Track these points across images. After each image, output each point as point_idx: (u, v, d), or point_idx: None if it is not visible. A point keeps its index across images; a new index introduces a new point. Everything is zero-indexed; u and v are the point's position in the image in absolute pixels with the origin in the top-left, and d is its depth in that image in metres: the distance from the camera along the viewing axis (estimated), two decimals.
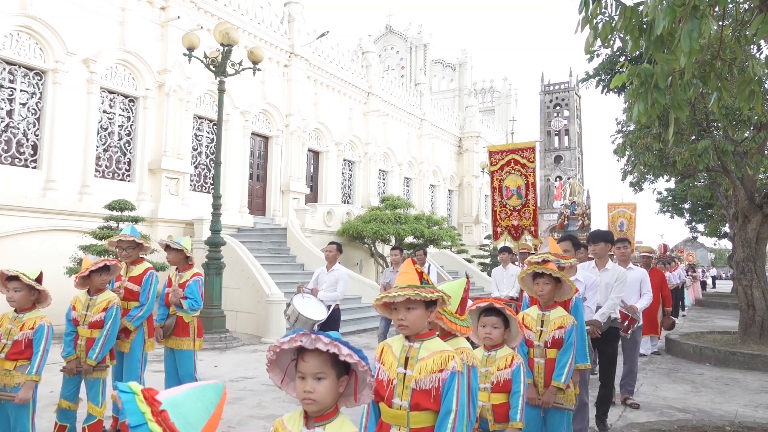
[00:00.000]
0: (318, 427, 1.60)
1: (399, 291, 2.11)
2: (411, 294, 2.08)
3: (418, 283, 2.15)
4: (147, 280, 4.74)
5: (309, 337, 1.55)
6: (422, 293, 2.09)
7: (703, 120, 8.78)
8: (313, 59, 18.53)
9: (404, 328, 2.16)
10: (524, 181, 9.53)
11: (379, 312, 2.26)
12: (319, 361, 1.57)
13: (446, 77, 39.44)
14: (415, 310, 2.13)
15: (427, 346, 2.16)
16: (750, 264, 9.36)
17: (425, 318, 2.17)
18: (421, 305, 2.14)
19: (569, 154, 65.80)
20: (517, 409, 2.79)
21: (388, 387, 2.17)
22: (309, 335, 1.55)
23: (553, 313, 3.38)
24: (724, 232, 26.30)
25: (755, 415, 5.70)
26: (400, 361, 2.16)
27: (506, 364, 2.85)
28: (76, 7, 11.96)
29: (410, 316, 2.13)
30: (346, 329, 10.89)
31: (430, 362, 2.10)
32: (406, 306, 2.12)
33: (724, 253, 60.49)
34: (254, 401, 5.73)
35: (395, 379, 2.14)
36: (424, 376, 2.09)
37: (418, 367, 2.11)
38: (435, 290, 2.15)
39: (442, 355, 2.11)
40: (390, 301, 2.13)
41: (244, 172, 16.02)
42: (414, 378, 2.10)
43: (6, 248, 10.30)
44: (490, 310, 2.90)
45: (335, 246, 6.83)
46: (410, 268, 2.21)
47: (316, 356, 1.57)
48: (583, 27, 3.24)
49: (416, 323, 2.14)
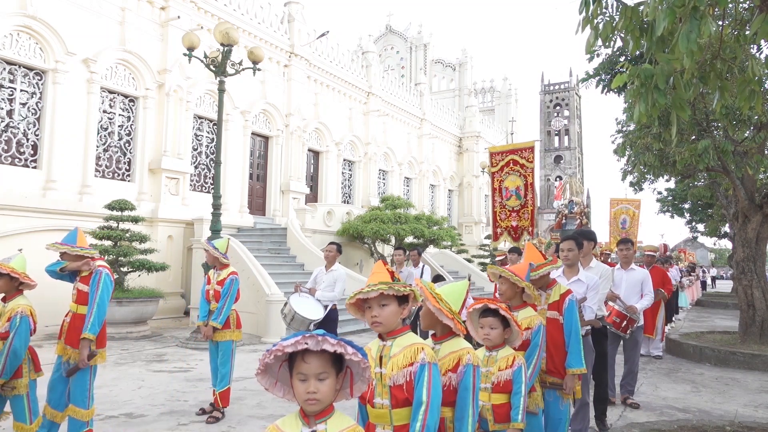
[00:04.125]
0: (320, 424, 1.61)
1: (372, 287, 2.13)
2: (384, 288, 2.11)
3: (390, 280, 2.18)
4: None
5: (315, 339, 1.54)
6: (395, 287, 2.13)
7: (703, 120, 8.77)
8: (313, 59, 18.53)
9: (378, 326, 2.17)
10: (523, 181, 9.54)
11: (352, 313, 2.27)
12: (322, 361, 1.57)
13: (446, 77, 39.46)
14: (388, 307, 2.16)
15: (399, 342, 2.18)
16: (750, 264, 9.36)
17: (398, 314, 2.19)
18: (393, 301, 2.17)
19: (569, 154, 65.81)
20: (519, 409, 2.77)
21: (369, 389, 2.18)
22: (315, 337, 1.54)
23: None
24: (724, 232, 26.30)
25: (755, 415, 5.70)
26: (376, 361, 2.19)
27: (507, 364, 2.84)
28: (76, 7, 11.96)
29: (384, 312, 2.15)
30: (347, 329, 10.89)
31: (401, 357, 2.13)
32: (380, 303, 2.15)
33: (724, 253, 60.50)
34: (254, 401, 5.73)
35: (374, 379, 2.17)
36: (396, 372, 2.12)
37: (390, 364, 2.14)
38: (407, 285, 2.20)
39: (411, 349, 2.13)
40: (364, 297, 2.15)
41: (244, 172, 16.02)
42: (388, 375, 2.13)
43: (6, 248, 10.30)
44: (487, 310, 2.88)
45: (335, 246, 6.83)
46: (381, 268, 2.25)
47: (318, 357, 1.56)
48: (583, 27, 3.24)
49: (389, 319, 2.16)
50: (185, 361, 7.92)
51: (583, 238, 4.82)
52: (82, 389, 3.89)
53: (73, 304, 3.99)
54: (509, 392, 2.82)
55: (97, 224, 10.96)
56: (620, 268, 6.38)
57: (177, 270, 13.08)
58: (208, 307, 5.43)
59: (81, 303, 3.96)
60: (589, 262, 5.01)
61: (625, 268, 6.34)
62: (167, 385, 6.42)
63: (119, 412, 5.30)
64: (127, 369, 7.29)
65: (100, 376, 4.28)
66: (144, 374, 7.00)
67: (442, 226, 17.91)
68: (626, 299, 6.04)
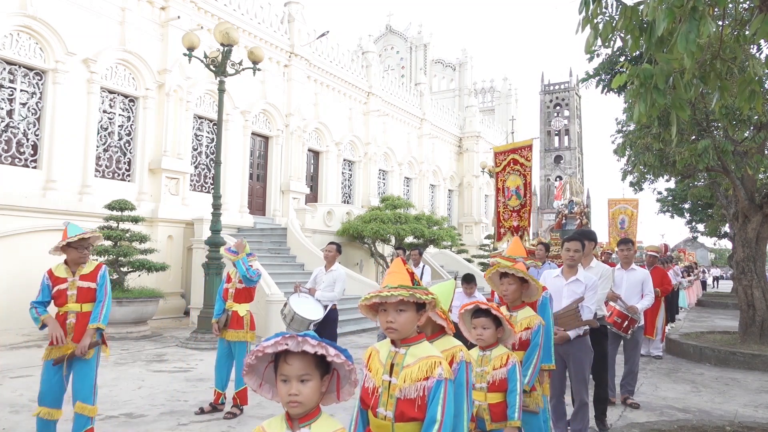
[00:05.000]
0: (303, 428, 1.56)
1: (392, 291, 1.97)
2: (405, 295, 1.96)
3: (410, 284, 2.03)
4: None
5: (295, 340, 1.48)
6: (417, 294, 1.98)
7: (703, 120, 8.77)
8: (313, 59, 18.53)
9: (392, 332, 2.03)
10: (522, 180, 9.54)
11: (364, 314, 2.12)
12: (304, 362, 1.51)
13: (446, 77, 39.46)
14: (406, 313, 2.01)
15: (414, 351, 2.03)
16: (750, 264, 9.37)
17: (415, 322, 2.04)
18: (412, 308, 2.02)
19: (569, 153, 65.83)
20: (515, 407, 2.77)
21: (373, 395, 2.05)
22: (295, 338, 1.49)
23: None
24: (724, 232, 26.30)
25: (755, 415, 5.70)
26: (385, 368, 2.04)
27: (501, 363, 2.84)
28: (76, 7, 11.96)
29: (400, 318, 2.00)
30: (347, 329, 10.89)
31: (415, 369, 1.98)
32: (398, 308, 2.00)
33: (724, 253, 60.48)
34: (254, 401, 5.73)
35: (380, 387, 2.02)
36: (408, 384, 1.97)
37: (403, 375, 1.99)
38: (428, 292, 2.04)
39: (428, 362, 1.98)
40: (382, 301, 2.00)
41: (244, 172, 16.03)
42: (399, 386, 1.98)
43: (6, 248, 10.30)
44: (479, 311, 2.87)
45: (335, 246, 6.83)
46: (401, 267, 2.10)
47: (300, 358, 1.51)
48: (583, 27, 3.24)
49: (406, 327, 2.02)
50: (185, 361, 7.92)
51: (585, 238, 4.83)
52: (88, 385, 3.94)
53: (74, 305, 3.98)
54: (505, 391, 2.82)
55: (97, 224, 10.96)
56: (621, 268, 6.38)
57: (177, 270, 13.09)
58: (223, 305, 5.52)
59: (85, 301, 4.01)
60: (589, 262, 5.02)
61: (625, 268, 6.34)
62: (167, 385, 6.42)
63: (119, 412, 5.30)
64: (127, 369, 7.28)
65: (100, 375, 4.25)
66: (144, 374, 7.00)
67: (442, 226, 17.92)
68: (627, 299, 6.04)
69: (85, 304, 4.00)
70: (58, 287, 3.99)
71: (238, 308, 5.50)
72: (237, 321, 5.46)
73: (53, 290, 4.00)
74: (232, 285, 5.56)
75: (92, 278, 4.07)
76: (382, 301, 2.00)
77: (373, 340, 9.49)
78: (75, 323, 3.95)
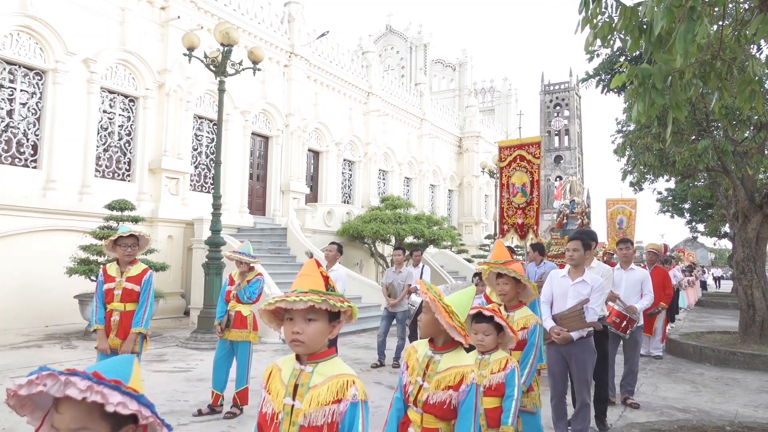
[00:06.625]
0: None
1: (301, 296, 1.67)
2: (317, 301, 1.67)
3: (324, 289, 1.74)
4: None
5: (56, 380, 1.06)
6: (330, 300, 1.70)
7: (703, 120, 8.77)
8: (313, 59, 18.52)
9: (298, 345, 1.70)
10: (529, 177, 9.46)
11: (266, 322, 1.79)
12: (79, 412, 1.10)
13: (446, 77, 39.46)
14: (317, 323, 1.71)
15: (322, 369, 1.72)
16: (750, 264, 9.36)
17: (326, 334, 1.74)
18: (324, 317, 1.72)
19: (569, 153, 65.84)
20: (510, 413, 2.72)
21: (272, 423, 1.71)
22: (56, 376, 1.06)
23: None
24: (724, 232, 26.29)
25: (755, 415, 5.70)
26: (288, 390, 1.72)
27: (500, 367, 2.79)
28: (76, 7, 11.96)
29: (309, 329, 1.69)
30: (347, 329, 10.88)
31: (324, 390, 1.67)
32: (306, 316, 1.69)
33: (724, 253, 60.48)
34: (254, 401, 5.73)
35: (281, 412, 1.70)
36: (315, 408, 1.66)
37: (308, 398, 1.68)
38: (344, 299, 1.76)
39: (339, 381, 1.68)
40: (288, 307, 1.68)
41: (244, 172, 16.02)
42: (303, 411, 1.66)
43: (6, 248, 10.30)
44: (480, 316, 2.82)
45: (336, 246, 6.83)
46: (314, 269, 1.81)
47: (73, 406, 1.09)
48: (583, 27, 3.24)
49: (315, 339, 1.71)
50: (185, 361, 7.92)
51: (588, 238, 4.85)
52: None
53: (119, 304, 4.44)
54: (502, 395, 2.77)
55: (97, 224, 10.95)
56: (620, 268, 6.38)
57: (177, 270, 13.09)
58: (225, 307, 5.55)
59: (129, 301, 4.46)
60: (590, 262, 5.03)
61: (624, 268, 6.34)
62: (167, 385, 6.43)
63: None
64: None
65: None
66: (144, 374, 6.99)
67: (442, 226, 17.92)
68: (626, 299, 6.04)
69: (128, 304, 4.45)
70: (107, 285, 4.46)
71: (241, 308, 5.53)
72: (240, 321, 5.48)
73: (104, 287, 4.48)
74: (235, 287, 5.60)
75: (137, 281, 4.51)
76: (288, 307, 1.68)
77: (373, 340, 9.41)
78: (119, 321, 4.42)
